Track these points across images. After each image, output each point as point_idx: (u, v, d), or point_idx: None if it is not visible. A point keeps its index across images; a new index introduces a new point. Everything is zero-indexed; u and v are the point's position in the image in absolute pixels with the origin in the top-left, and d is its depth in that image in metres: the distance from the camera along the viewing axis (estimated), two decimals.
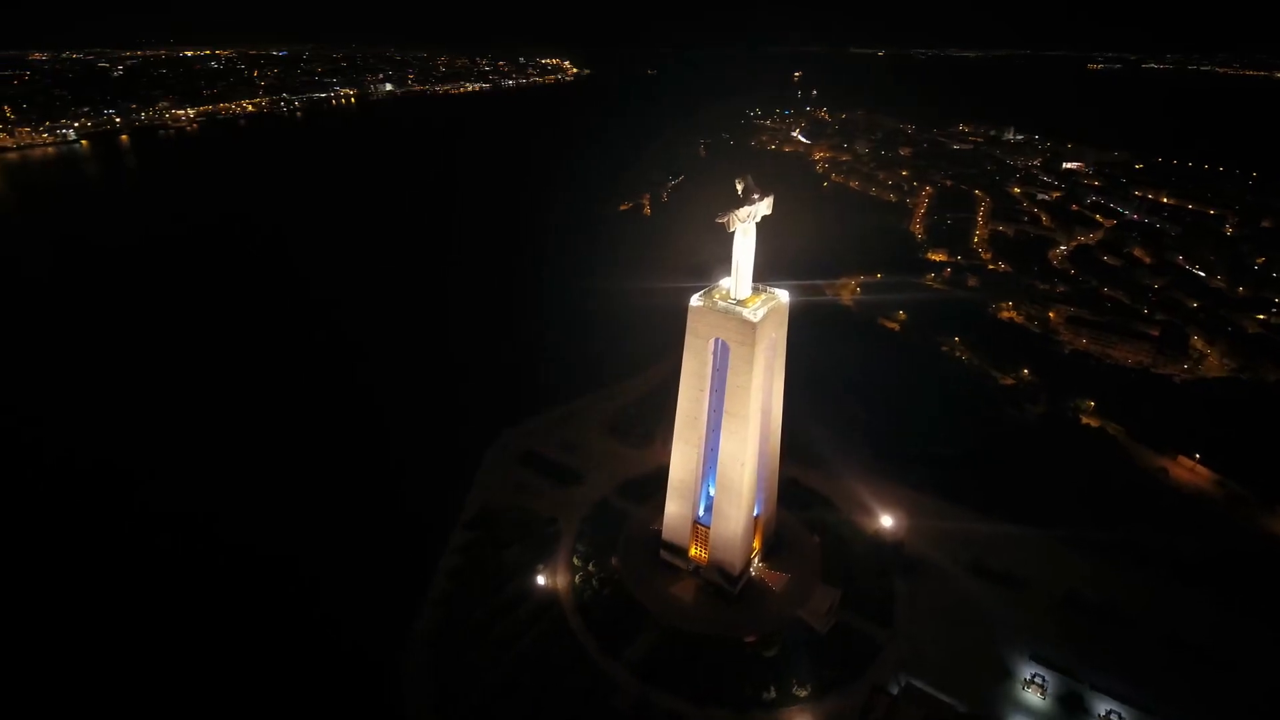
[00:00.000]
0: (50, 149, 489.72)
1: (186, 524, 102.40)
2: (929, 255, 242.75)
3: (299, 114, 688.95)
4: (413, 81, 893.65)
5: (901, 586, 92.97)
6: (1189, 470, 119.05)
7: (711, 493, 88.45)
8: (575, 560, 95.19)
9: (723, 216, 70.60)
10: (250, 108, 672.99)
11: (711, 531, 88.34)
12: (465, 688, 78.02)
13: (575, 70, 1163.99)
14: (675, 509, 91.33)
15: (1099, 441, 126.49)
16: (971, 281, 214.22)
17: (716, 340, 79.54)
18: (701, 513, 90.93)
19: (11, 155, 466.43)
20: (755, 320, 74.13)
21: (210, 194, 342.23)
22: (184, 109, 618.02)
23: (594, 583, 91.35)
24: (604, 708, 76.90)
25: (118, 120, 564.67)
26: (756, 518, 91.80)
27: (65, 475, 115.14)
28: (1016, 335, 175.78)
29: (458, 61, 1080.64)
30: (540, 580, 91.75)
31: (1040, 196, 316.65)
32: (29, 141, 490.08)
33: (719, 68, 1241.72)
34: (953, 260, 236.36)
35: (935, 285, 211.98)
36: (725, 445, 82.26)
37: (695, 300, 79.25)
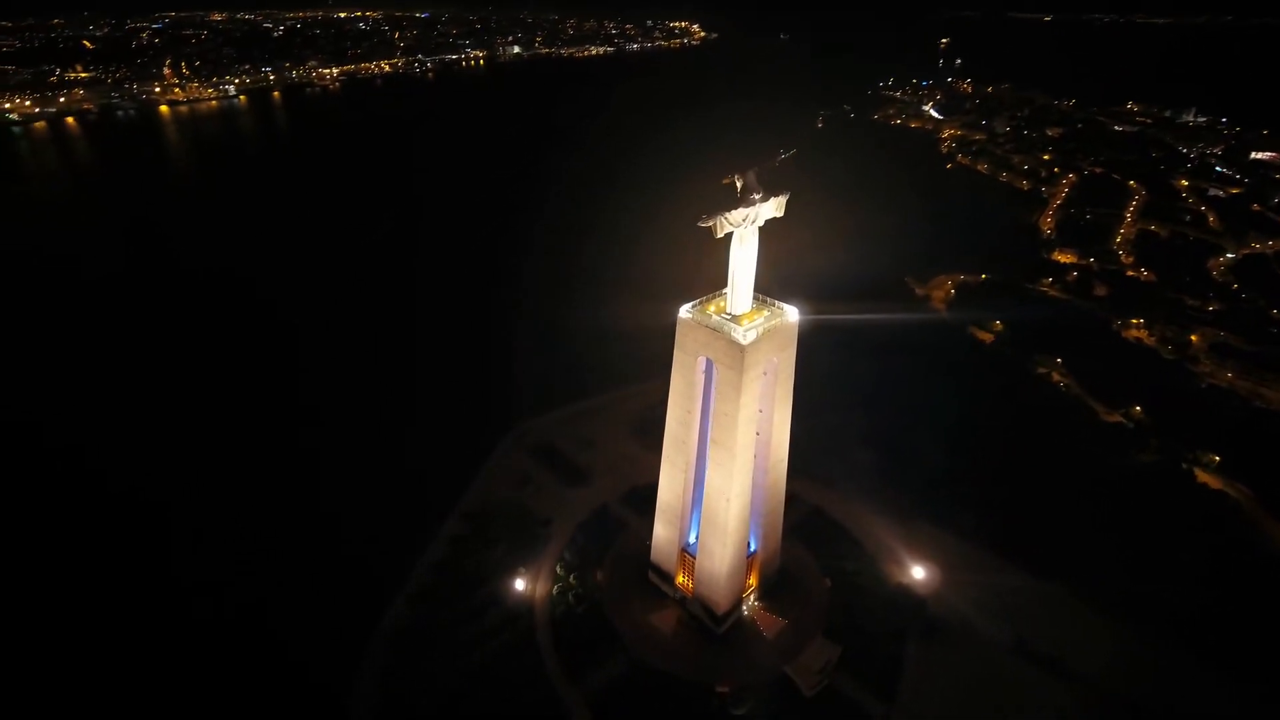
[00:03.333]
0: (214, 103, 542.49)
1: (189, 496, 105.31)
2: (1054, 255, 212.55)
3: (430, 75, 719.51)
4: (539, 44, 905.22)
5: (916, 654, 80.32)
6: None
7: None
8: (559, 569, 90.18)
9: (707, 220, 59.96)
10: (387, 68, 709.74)
11: (696, 565, 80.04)
12: (412, 692, 75.61)
13: (702, 34, 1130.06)
14: (662, 533, 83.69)
15: (1216, 507, 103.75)
16: (1099, 290, 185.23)
17: (707, 359, 69.99)
18: (691, 540, 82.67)
19: (182, 109, 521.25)
20: (744, 342, 63.80)
21: (338, 154, 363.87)
22: (329, 68, 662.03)
23: (571, 597, 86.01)
24: None
25: (272, 78, 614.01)
26: (753, 555, 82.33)
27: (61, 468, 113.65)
28: (1140, 361, 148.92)
29: (585, 25, 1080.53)
30: (519, 585, 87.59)
31: (1212, 192, 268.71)
32: (197, 96, 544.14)
33: (860, 33, 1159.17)
34: (1083, 263, 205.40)
35: (1052, 292, 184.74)
36: (710, 476, 73.23)
37: (685, 311, 69.80)
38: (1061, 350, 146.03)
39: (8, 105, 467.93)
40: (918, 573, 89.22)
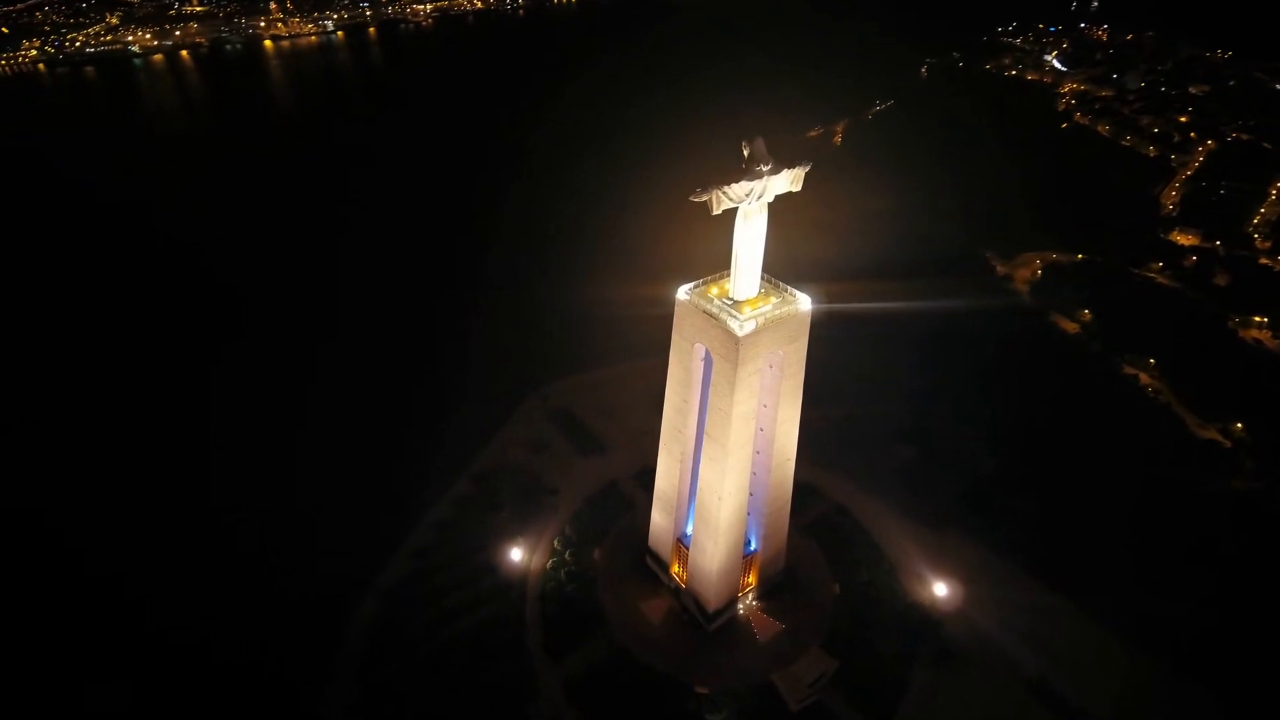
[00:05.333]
0: (313, 38, 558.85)
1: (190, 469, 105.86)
2: (1172, 235, 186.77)
3: (521, 11, 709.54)
4: None
5: (922, 678, 73.91)
6: None
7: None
8: (557, 543, 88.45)
9: (702, 194, 52.67)
10: (479, 4, 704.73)
11: (690, 558, 75.98)
12: (395, 650, 76.54)
13: None
14: (659, 520, 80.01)
15: None
16: (1220, 279, 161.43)
17: (704, 347, 63.91)
18: (688, 531, 78.41)
19: (285, 44, 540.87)
20: (740, 333, 57.29)
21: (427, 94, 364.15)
22: (423, 3, 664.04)
23: (563, 573, 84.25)
24: (519, 713, 71.31)
25: (369, 13, 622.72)
26: (753, 553, 77.32)
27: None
28: (1255, 367, 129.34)
29: None
30: (516, 555, 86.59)
31: None
32: (298, 31, 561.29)
33: None
34: (1206, 245, 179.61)
35: (1160, 278, 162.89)
36: (704, 471, 68.20)
37: (684, 292, 63.57)
38: (1158, 348, 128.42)
39: (131, 38, 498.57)
40: (940, 589, 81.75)
